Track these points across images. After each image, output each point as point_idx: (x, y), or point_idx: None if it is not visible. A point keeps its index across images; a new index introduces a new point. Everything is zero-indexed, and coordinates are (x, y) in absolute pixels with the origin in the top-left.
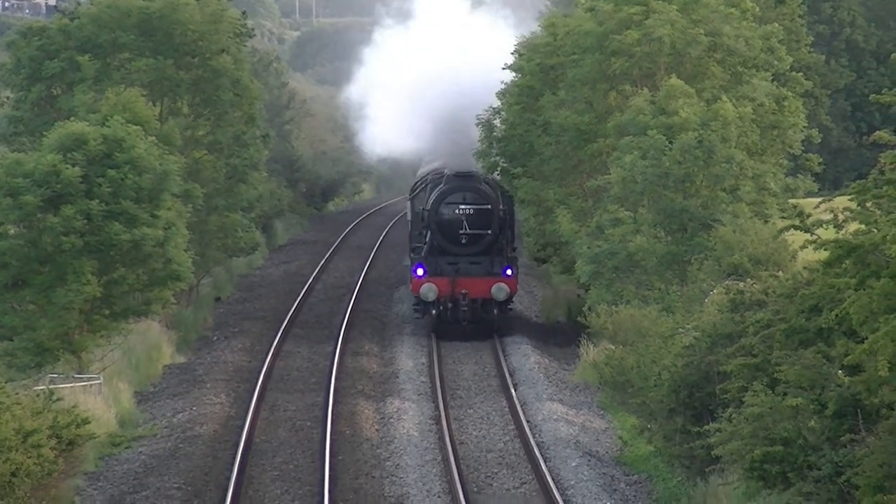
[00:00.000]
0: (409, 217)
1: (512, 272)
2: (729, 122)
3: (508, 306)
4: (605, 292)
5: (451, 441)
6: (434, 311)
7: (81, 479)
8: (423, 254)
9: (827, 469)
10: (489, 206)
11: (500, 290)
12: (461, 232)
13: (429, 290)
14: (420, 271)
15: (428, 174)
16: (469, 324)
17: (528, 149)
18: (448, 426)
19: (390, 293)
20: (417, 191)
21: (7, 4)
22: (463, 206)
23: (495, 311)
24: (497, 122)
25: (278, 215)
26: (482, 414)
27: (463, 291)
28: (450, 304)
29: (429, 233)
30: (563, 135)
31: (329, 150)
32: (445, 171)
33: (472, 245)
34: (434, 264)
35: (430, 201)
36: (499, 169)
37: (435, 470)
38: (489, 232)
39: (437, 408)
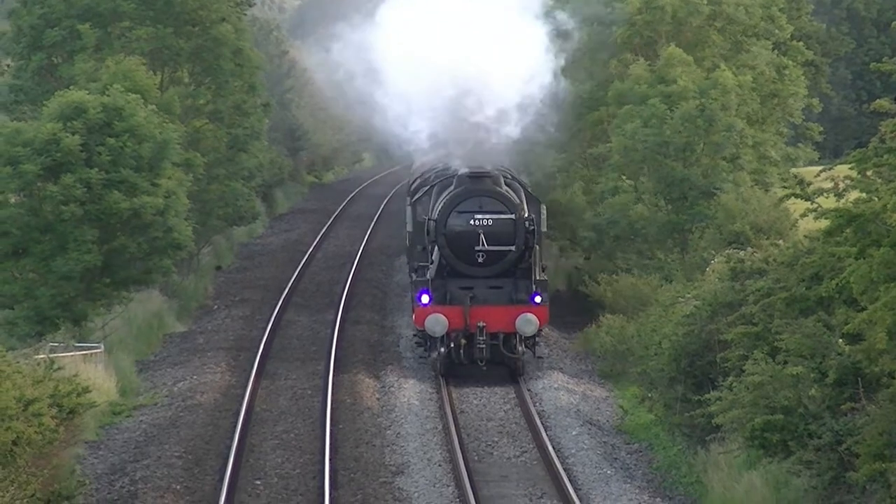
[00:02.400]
0: (408, 227)
1: (542, 299)
2: (728, 90)
3: (536, 341)
4: (607, 261)
5: (451, 410)
6: (443, 349)
7: (82, 447)
8: (428, 276)
9: (827, 437)
10: (512, 216)
11: (527, 322)
12: (477, 248)
13: (436, 323)
14: (425, 298)
15: (431, 171)
16: (487, 364)
17: None
18: (448, 395)
19: (391, 262)
20: (420, 194)
21: None
22: (479, 216)
23: (520, 349)
24: None
25: (279, 184)
26: (483, 383)
27: (480, 324)
28: (463, 341)
29: (436, 249)
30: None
31: (329, 118)
32: (451, 166)
33: (490, 265)
34: (442, 290)
35: (438, 209)
36: None
37: (436, 439)
38: (512, 248)
39: (437, 377)
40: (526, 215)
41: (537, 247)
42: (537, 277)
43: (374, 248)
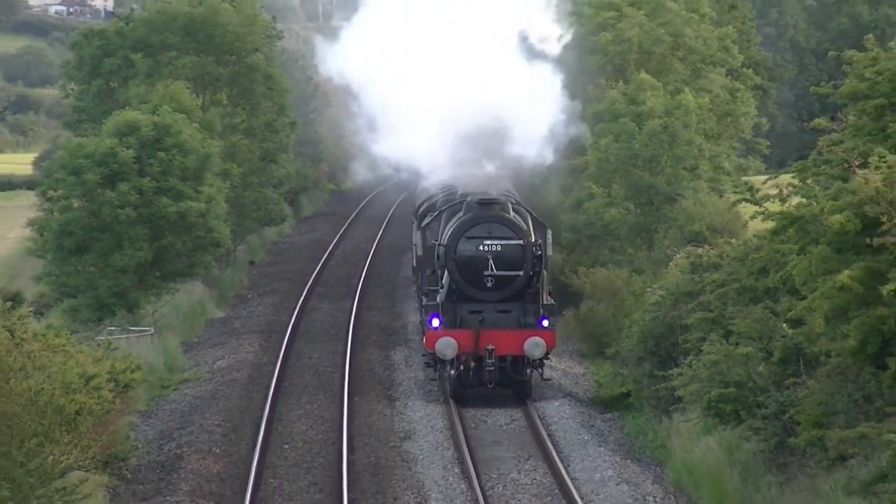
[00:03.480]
0: (418, 251)
1: (549, 323)
2: (689, 110)
3: (545, 364)
4: (585, 256)
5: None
6: (453, 372)
7: (135, 416)
8: (438, 300)
9: (773, 408)
10: (520, 241)
11: (535, 345)
12: (486, 273)
13: (446, 346)
14: (435, 322)
15: (439, 195)
16: (496, 386)
17: None
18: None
19: (399, 258)
20: (429, 219)
21: (71, 10)
22: (488, 242)
23: (529, 372)
24: None
25: (304, 191)
26: None
27: (489, 347)
28: (472, 363)
29: (445, 273)
30: None
31: (346, 134)
32: (458, 190)
33: (499, 289)
34: (452, 313)
35: (447, 235)
36: None
37: (438, 409)
38: (521, 273)
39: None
40: (533, 241)
41: (544, 272)
42: (545, 302)
43: (385, 245)
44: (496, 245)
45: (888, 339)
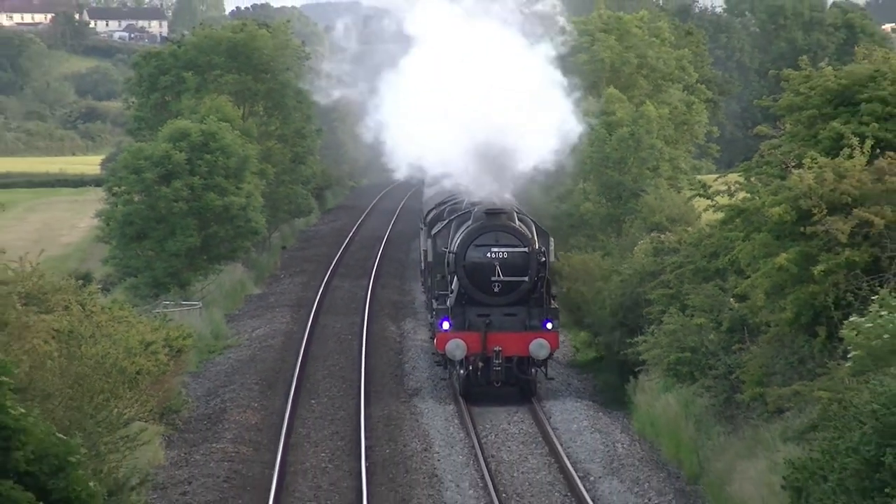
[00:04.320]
0: (427, 257)
1: (553, 325)
2: (652, 120)
3: (549, 364)
4: (563, 242)
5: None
6: (462, 372)
7: (186, 376)
8: (448, 304)
9: (722, 369)
10: (526, 249)
11: (540, 347)
12: (493, 279)
13: (456, 348)
14: (446, 325)
15: (446, 205)
16: (503, 385)
17: None
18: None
19: (409, 244)
20: (439, 227)
21: (132, 35)
22: (495, 249)
23: (534, 372)
24: None
25: (328, 187)
26: None
27: (496, 349)
28: (480, 364)
29: (455, 279)
30: None
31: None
32: (464, 200)
33: (505, 294)
34: (462, 317)
35: (457, 242)
36: None
37: (440, 370)
38: (526, 279)
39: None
40: (537, 248)
41: (548, 277)
42: (548, 305)
43: (396, 233)
44: (503, 252)
45: (818, 311)
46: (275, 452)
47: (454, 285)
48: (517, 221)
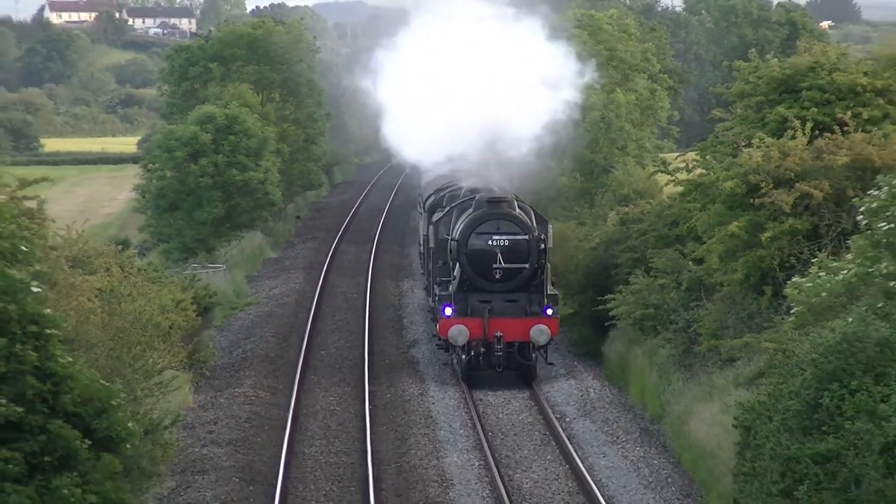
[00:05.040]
0: (429, 243)
1: (553, 311)
2: (620, 105)
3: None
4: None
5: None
6: (464, 357)
7: (213, 330)
8: (451, 290)
9: (681, 323)
10: (526, 237)
11: (540, 332)
12: (495, 266)
13: (458, 333)
14: (448, 311)
15: (445, 191)
16: (504, 370)
17: None
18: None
19: (407, 214)
20: (441, 215)
21: (165, 31)
22: (497, 237)
23: (534, 356)
24: None
25: (336, 164)
26: None
27: (497, 334)
28: (482, 349)
29: (457, 266)
30: None
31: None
32: (462, 186)
33: (507, 280)
34: (464, 303)
35: (459, 230)
36: None
37: (435, 325)
38: (526, 266)
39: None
40: (539, 236)
41: (548, 264)
42: (548, 292)
43: (397, 204)
44: (504, 240)
45: (765, 273)
46: (289, 396)
47: (456, 272)
48: (517, 209)
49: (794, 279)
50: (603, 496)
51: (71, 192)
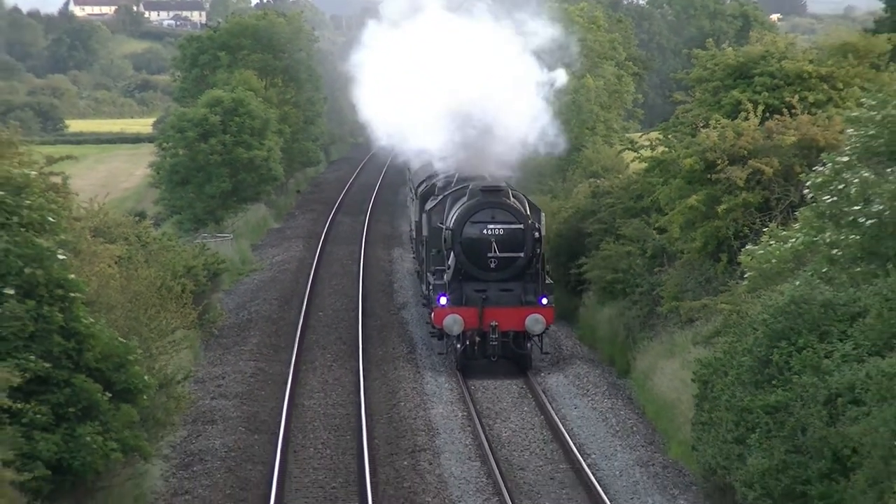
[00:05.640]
0: (422, 231)
1: (548, 301)
2: (590, 89)
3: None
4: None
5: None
6: (459, 346)
7: (221, 294)
8: (445, 279)
9: (645, 287)
10: (521, 226)
11: (535, 321)
12: (490, 255)
13: (454, 323)
14: (443, 300)
15: (437, 178)
16: (499, 359)
17: None
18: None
19: (397, 189)
20: (434, 203)
21: (177, 23)
22: (491, 226)
23: (529, 345)
24: None
25: (333, 143)
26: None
27: (493, 323)
28: (477, 338)
29: (451, 255)
30: None
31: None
32: (457, 174)
33: (501, 270)
34: (459, 292)
35: (453, 219)
36: None
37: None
38: (521, 255)
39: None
40: (533, 224)
41: (543, 253)
42: (544, 281)
43: (387, 182)
44: (499, 229)
45: (721, 241)
46: (290, 353)
47: (451, 261)
48: (512, 198)
49: (747, 247)
50: (574, 443)
51: (93, 168)
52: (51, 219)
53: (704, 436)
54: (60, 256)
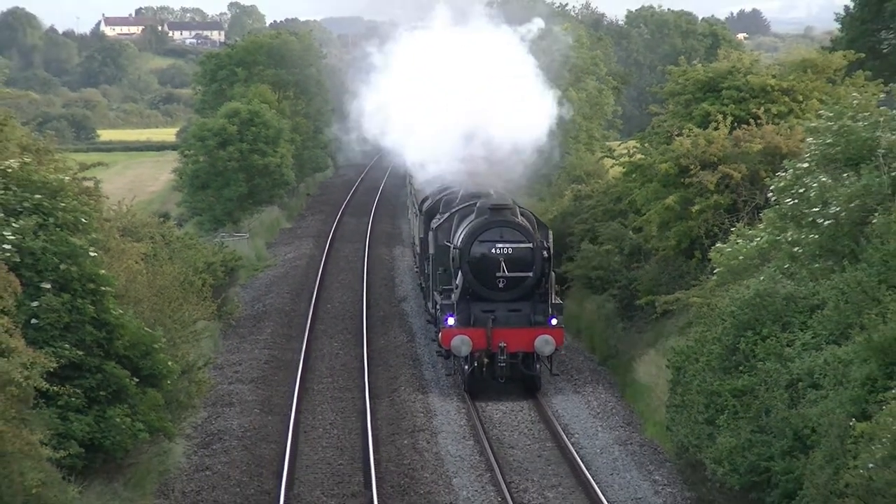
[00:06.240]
0: (429, 249)
1: (558, 321)
2: (574, 102)
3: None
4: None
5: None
6: (467, 367)
7: (238, 288)
8: (453, 299)
9: (624, 281)
10: (530, 245)
11: (545, 342)
12: (498, 275)
13: (462, 344)
14: (451, 321)
15: (441, 194)
16: (507, 381)
17: None
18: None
19: (399, 191)
20: (440, 220)
21: (198, 41)
22: (500, 245)
23: (538, 367)
24: None
25: (339, 151)
26: None
27: (501, 344)
28: (485, 359)
29: (459, 274)
30: None
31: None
32: (462, 190)
33: (510, 289)
34: (466, 312)
35: (461, 237)
36: None
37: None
38: (530, 274)
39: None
40: (543, 243)
41: (552, 272)
42: (553, 301)
43: (390, 185)
44: (508, 248)
45: (694, 240)
46: (301, 342)
47: (458, 280)
48: (520, 217)
49: (717, 245)
50: (559, 423)
51: (121, 174)
52: (83, 220)
53: (677, 417)
54: (92, 254)
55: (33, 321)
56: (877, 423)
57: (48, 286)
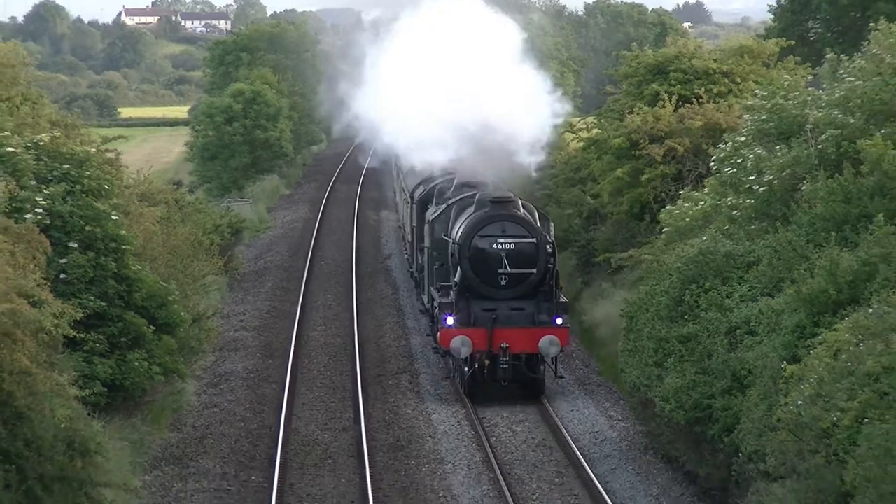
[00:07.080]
0: (424, 242)
1: (563, 321)
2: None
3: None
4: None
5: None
6: (467, 370)
7: (242, 246)
8: (451, 297)
9: (583, 241)
10: (534, 240)
11: (550, 343)
12: (500, 271)
13: (461, 345)
14: (450, 320)
15: (435, 181)
16: (510, 384)
17: None
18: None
19: (383, 167)
20: (437, 212)
21: (208, 29)
22: (502, 240)
23: (542, 369)
24: None
25: (333, 125)
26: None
27: (503, 345)
28: (486, 361)
29: (458, 270)
30: None
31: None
32: (456, 178)
33: (513, 287)
34: (466, 311)
35: (460, 231)
36: None
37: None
38: (534, 271)
39: None
40: (546, 238)
41: (556, 269)
42: (558, 299)
43: (375, 157)
44: (510, 243)
45: (644, 204)
46: (298, 294)
47: (457, 277)
48: (522, 210)
49: (665, 208)
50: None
51: (140, 146)
52: (106, 186)
53: (630, 360)
54: (114, 217)
55: (62, 276)
56: (805, 365)
57: (75, 245)
